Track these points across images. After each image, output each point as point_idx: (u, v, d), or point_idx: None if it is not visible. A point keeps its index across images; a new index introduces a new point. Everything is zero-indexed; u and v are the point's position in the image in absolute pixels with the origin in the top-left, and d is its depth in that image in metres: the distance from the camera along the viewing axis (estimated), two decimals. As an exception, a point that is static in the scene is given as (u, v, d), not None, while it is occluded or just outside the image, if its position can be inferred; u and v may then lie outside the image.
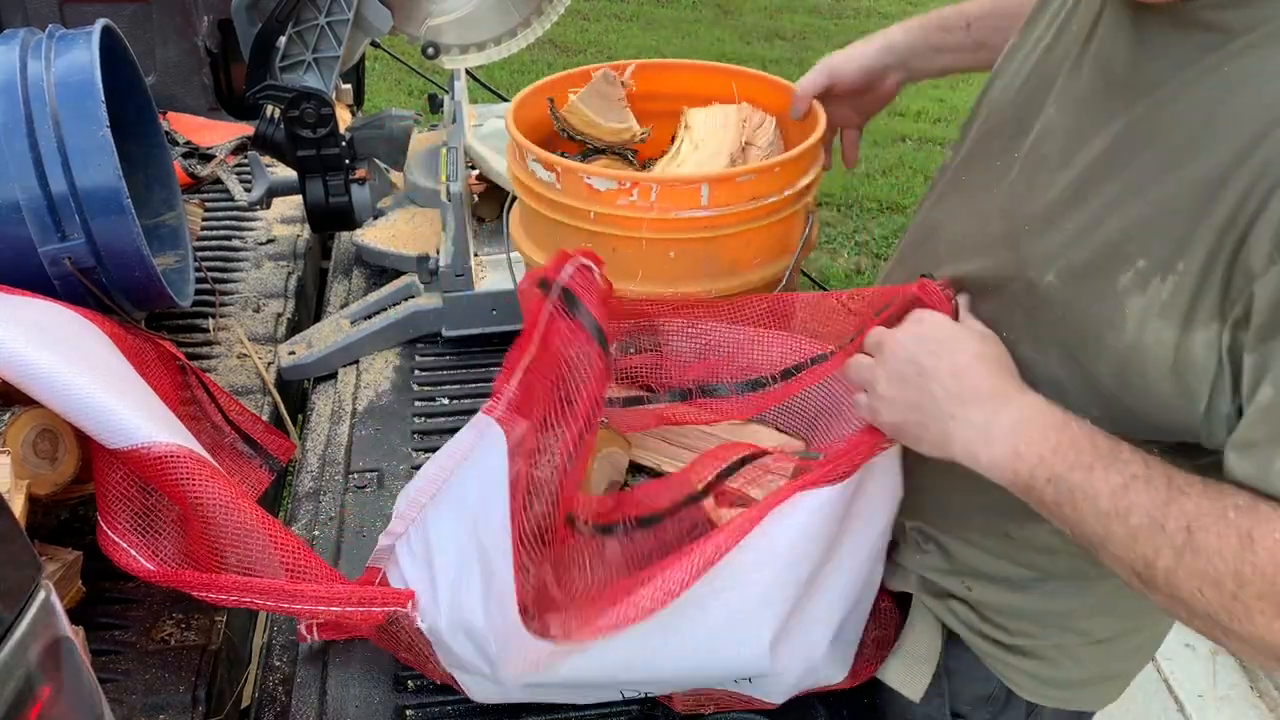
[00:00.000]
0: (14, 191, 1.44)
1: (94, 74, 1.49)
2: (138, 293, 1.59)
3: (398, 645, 1.23)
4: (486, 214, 2.08)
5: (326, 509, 1.54)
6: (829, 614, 1.11)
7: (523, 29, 1.75)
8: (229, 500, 1.19)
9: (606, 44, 6.24)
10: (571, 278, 1.06)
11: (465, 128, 2.04)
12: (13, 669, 0.69)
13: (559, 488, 1.02)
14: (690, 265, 1.29)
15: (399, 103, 5.26)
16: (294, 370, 1.85)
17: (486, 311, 1.87)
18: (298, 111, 1.60)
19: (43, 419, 1.27)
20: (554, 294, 1.06)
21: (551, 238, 1.34)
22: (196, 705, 1.23)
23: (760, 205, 1.26)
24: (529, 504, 1.04)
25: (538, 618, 1.02)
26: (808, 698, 1.23)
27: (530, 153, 1.30)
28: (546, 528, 1.04)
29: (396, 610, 1.17)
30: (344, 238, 2.24)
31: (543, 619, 1.02)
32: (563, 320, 1.06)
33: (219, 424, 1.54)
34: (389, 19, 1.63)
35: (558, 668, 1.07)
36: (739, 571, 1.02)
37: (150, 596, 1.35)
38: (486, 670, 1.10)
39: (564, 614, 1.02)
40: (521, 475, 1.04)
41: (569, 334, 1.05)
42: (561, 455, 1.02)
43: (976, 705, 1.14)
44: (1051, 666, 1.09)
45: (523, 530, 1.02)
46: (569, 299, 1.05)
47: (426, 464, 1.36)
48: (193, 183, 2.37)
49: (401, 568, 1.22)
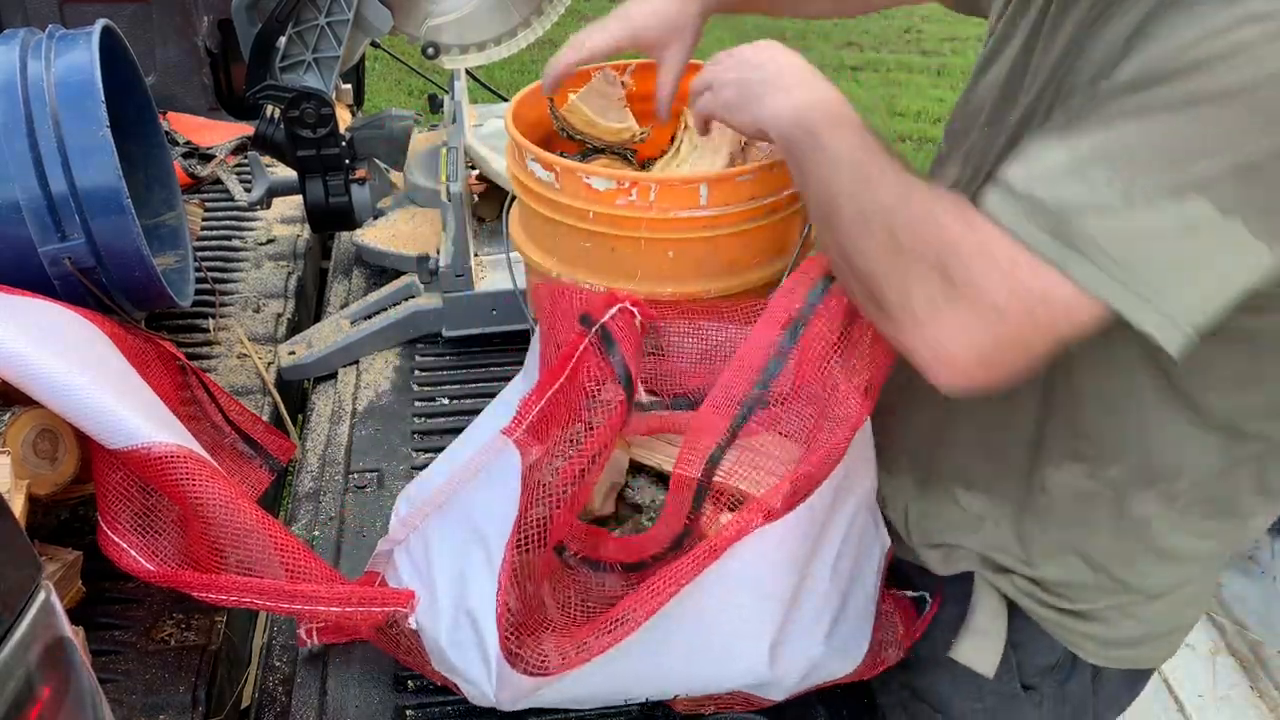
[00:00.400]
0: (14, 191, 1.44)
1: (94, 74, 1.49)
2: (138, 293, 1.59)
3: (397, 647, 1.23)
4: (486, 214, 2.08)
5: (326, 509, 1.54)
6: (818, 613, 1.12)
7: (523, 29, 1.75)
8: (229, 500, 1.19)
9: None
10: (613, 318, 1.09)
11: (465, 128, 2.04)
12: (13, 669, 0.69)
13: (550, 518, 1.04)
14: (689, 265, 1.29)
15: (399, 103, 5.26)
16: (294, 370, 1.85)
17: (486, 311, 1.87)
18: (298, 111, 1.60)
19: (43, 419, 1.27)
20: (594, 332, 1.08)
21: (551, 237, 1.34)
22: (196, 705, 1.23)
23: (759, 205, 1.26)
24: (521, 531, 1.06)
25: (522, 649, 1.03)
26: (808, 697, 1.23)
27: (529, 152, 1.30)
28: (539, 556, 1.06)
29: (397, 611, 1.17)
30: (344, 238, 2.24)
31: (528, 648, 1.03)
32: (596, 358, 1.08)
33: (219, 424, 1.54)
34: (389, 19, 1.63)
35: (547, 694, 1.09)
36: (728, 592, 1.04)
37: (150, 596, 1.35)
38: (485, 687, 1.11)
39: (551, 641, 1.04)
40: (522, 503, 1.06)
41: (599, 373, 1.08)
42: (559, 488, 1.04)
43: (1044, 675, 1.16)
44: (1113, 628, 1.11)
45: (513, 560, 1.04)
46: (606, 339, 1.08)
47: (429, 470, 1.36)
48: (193, 183, 2.37)
49: (400, 574, 1.22)
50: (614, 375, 1.08)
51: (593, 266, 1.31)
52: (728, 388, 1.07)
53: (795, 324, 1.06)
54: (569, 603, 1.12)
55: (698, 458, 1.06)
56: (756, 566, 1.04)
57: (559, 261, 1.34)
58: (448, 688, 1.22)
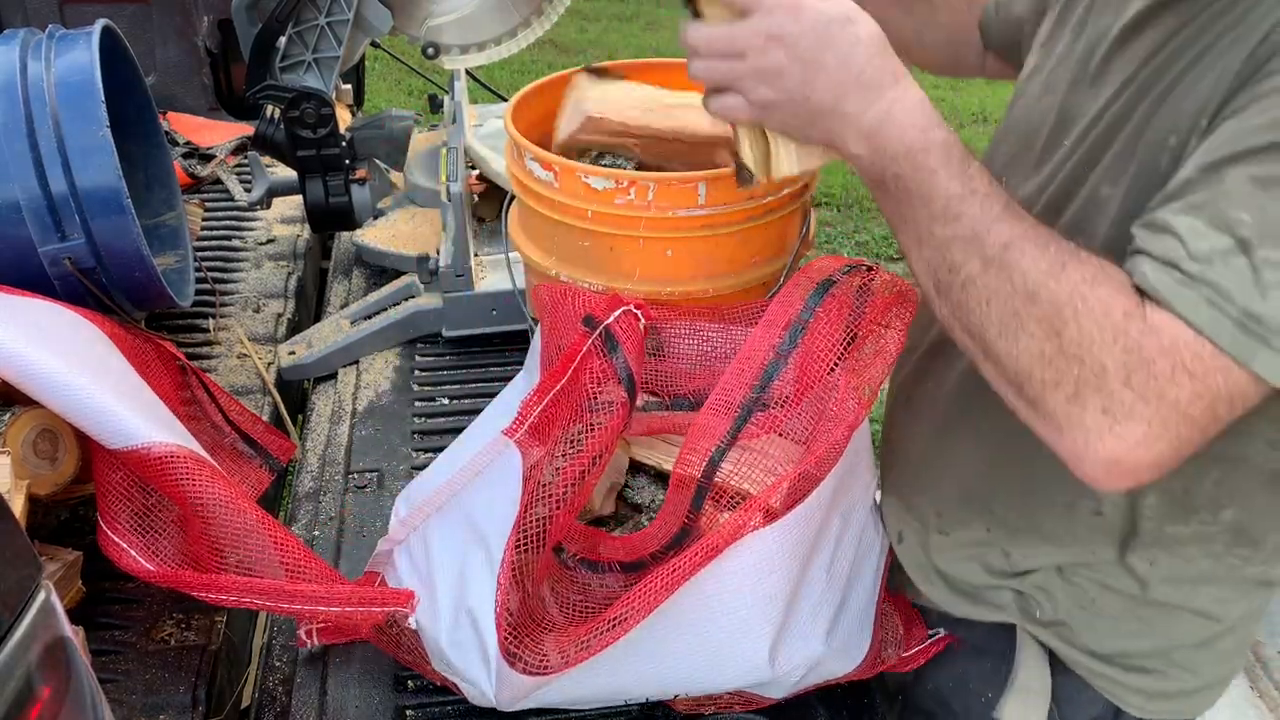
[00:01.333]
0: (14, 191, 1.44)
1: (94, 74, 1.49)
2: (138, 293, 1.59)
3: (398, 648, 1.23)
4: (486, 214, 2.08)
5: (326, 509, 1.54)
6: (816, 611, 1.12)
7: (523, 29, 1.75)
8: (229, 500, 1.19)
9: (607, 44, 6.24)
10: (617, 320, 1.09)
11: (465, 128, 2.04)
12: (13, 669, 0.69)
13: (550, 519, 1.04)
14: (688, 264, 1.29)
15: (399, 103, 5.26)
16: (294, 370, 1.85)
17: (486, 311, 1.87)
18: (298, 111, 1.60)
19: (43, 419, 1.27)
20: (597, 333, 1.08)
21: (550, 237, 1.34)
22: (196, 705, 1.23)
23: (758, 204, 1.26)
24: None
25: (521, 648, 1.03)
26: (808, 697, 1.23)
27: (528, 152, 1.30)
28: (539, 556, 1.06)
29: (397, 611, 1.17)
30: (344, 238, 2.24)
31: (527, 648, 1.04)
32: (599, 360, 1.08)
33: (219, 424, 1.54)
34: (389, 19, 1.63)
35: (547, 694, 1.09)
36: (728, 592, 1.04)
37: (150, 596, 1.35)
38: (485, 687, 1.11)
39: (551, 640, 1.04)
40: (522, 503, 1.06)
41: (601, 374, 1.08)
42: (559, 489, 1.04)
43: None
44: (1160, 679, 1.08)
45: (513, 560, 1.04)
46: (610, 341, 1.08)
47: (429, 471, 1.36)
48: (193, 183, 2.37)
49: (400, 574, 1.22)
50: (616, 377, 1.08)
51: (591, 265, 1.31)
52: (727, 390, 1.07)
53: (795, 328, 1.05)
54: (569, 603, 1.13)
55: (698, 458, 1.06)
56: (756, 566, 1.04)
57: (558, 261, 1.34)
58: (447, 688, 1.22)
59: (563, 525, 1.06)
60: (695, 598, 1.03)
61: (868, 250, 4.34)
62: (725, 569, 1.02)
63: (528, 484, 1.07)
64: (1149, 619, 1.05)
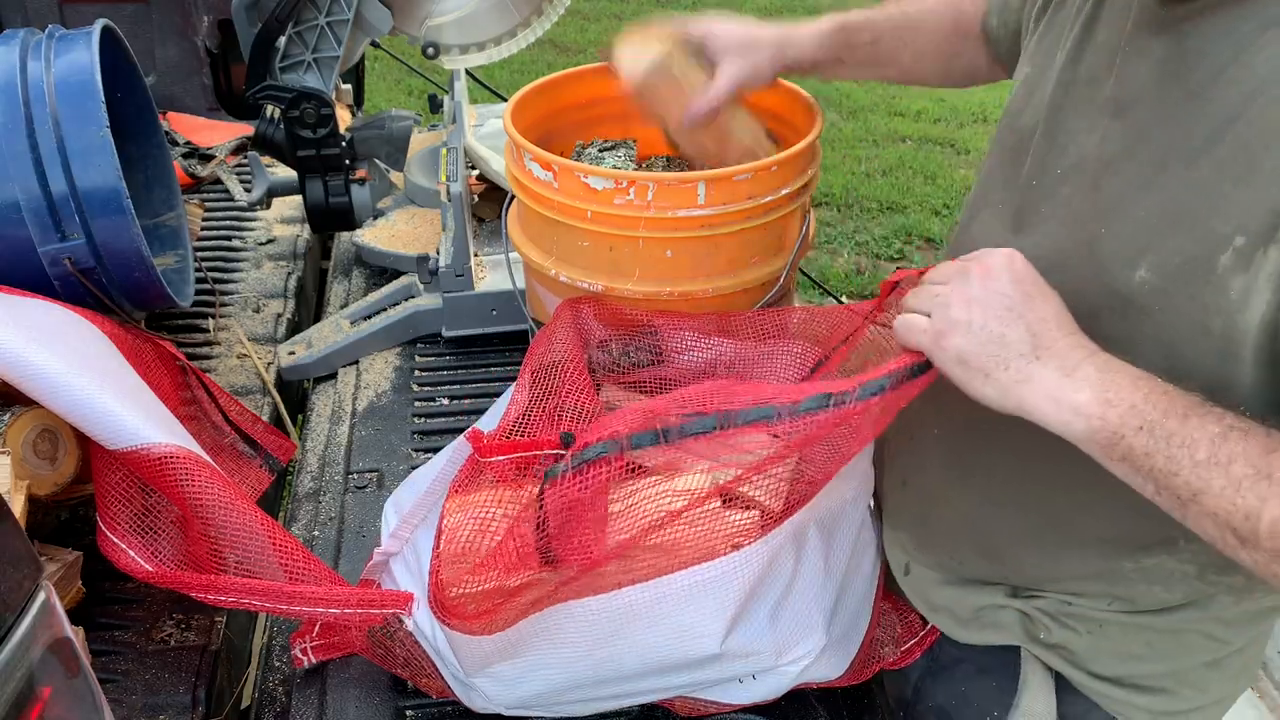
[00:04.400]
0: (14, 191, 1.44)
1: (94, 74, 1.49)
2: (138, 293, 1.59)
3: (394, 661, 1.22)
4: (486, 214, 2.08)
5: (326, 509, 1.54)
6: (808, 608, 1.12)
7: (523, 29, 1.75)
8: (228, 501, 1.19)
9: (607, 44, 6.22)
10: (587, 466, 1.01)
11: (465, 128, 2.04)
12: (13, 669, 0.69)
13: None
14: (687, 264, 1.29)
15: (399, 103, 5.26)
16: (294, 370, 1.85)
17: (486, 311, 1.87)
18: (298, 111, 1.60)
19: (43, 419, 1.27)
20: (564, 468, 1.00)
21: (549, 237, 1.34)
22: (196, 705, 1.23)
23: (757, 204, 1.26)
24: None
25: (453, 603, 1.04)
26: (808, 698, 1.23)
27: (528, 152, 1.30)
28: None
29: (396, 612, 1.17)
30: (344, 238, 2.25)
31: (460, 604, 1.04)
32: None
33: (219, 424, 1.54)
34: (389, 19, 1.63)
35: (531, 686, 1.08)
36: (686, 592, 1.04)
37: (150, 597, 1.35)
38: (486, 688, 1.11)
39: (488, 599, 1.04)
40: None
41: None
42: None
43: None
44: (1169, 699, 1.07)
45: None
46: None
47: (415, 476, 1.35)
48: (193, 183, 2.37)
49: (396, 580, 1.22)
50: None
51: (591, 266, 1.31)
52: (752, 394, 1.02)
53: (843, 396, 0.93)
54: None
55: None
56: (722, 566, 1.03)
57: (558, 261, 1.34)
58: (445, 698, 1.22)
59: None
60: (659, 588, 1.03)
61: (868, 250, 4.34)
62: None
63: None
64: (1157, 643, 1.05)
